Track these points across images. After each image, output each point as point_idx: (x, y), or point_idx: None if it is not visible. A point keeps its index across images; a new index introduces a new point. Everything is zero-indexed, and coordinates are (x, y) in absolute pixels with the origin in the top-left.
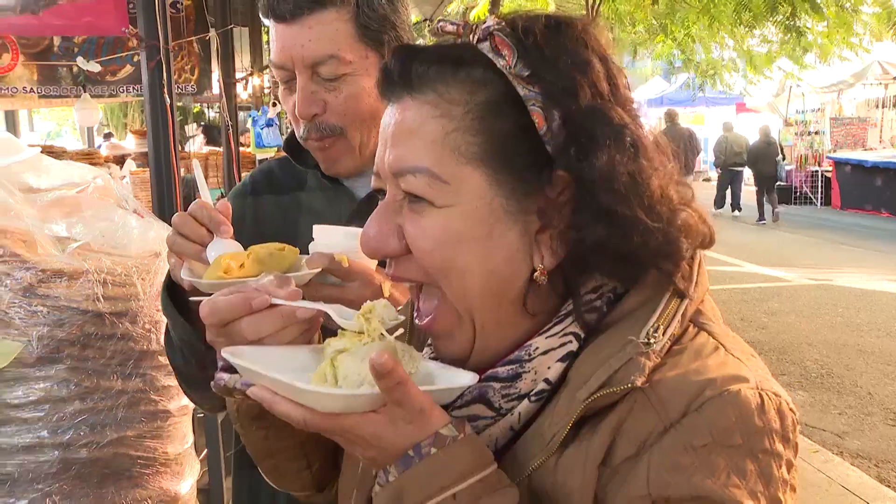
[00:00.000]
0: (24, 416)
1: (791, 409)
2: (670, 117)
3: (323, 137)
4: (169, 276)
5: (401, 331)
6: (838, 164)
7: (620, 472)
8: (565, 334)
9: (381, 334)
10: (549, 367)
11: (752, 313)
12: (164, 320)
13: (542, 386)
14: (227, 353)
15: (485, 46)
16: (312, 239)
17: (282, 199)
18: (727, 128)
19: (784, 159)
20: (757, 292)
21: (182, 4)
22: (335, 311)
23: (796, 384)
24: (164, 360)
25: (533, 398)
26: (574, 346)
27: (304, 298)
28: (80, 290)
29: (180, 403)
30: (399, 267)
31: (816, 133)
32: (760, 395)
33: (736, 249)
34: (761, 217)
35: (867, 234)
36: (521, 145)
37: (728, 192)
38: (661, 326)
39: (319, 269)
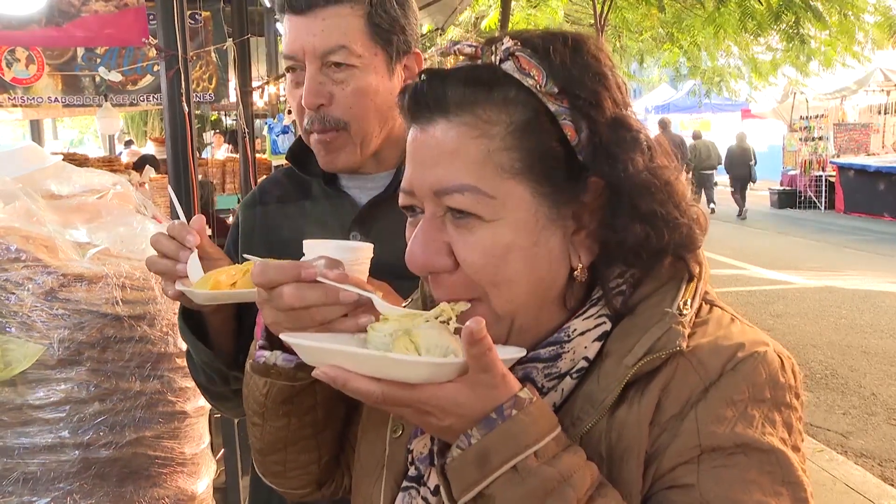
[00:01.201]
0: (46, 417)
1: (797, 370)
2: (663, 125)
3: (326, 130)
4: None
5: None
6: (842, 168)
7: (668, 430)
8: (599, 316)
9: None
10: (586, 347)
11: (758, 315)
12: (173, 321)
13: (581, 364)
14: (288, 337)
15: (509, 66)
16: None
17: (288, 207)
18: (696, 135)
19: (756, 163)
20: (762, 295)
21: (200, 16)
22: (377, 300)
23: (801, 385)
24: (181, 362)
25: (574, 375)
26: (608, 326)
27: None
28: (99, 294)
29: (197, 405)
30: (444, 285)
31: (820, 139)
32: (780, 357)
33: (741, 253)
34: (740, 213)
35: (870, 237)
36: (557, 157)
37: (702, 193)
38: (689, 300)
39: None
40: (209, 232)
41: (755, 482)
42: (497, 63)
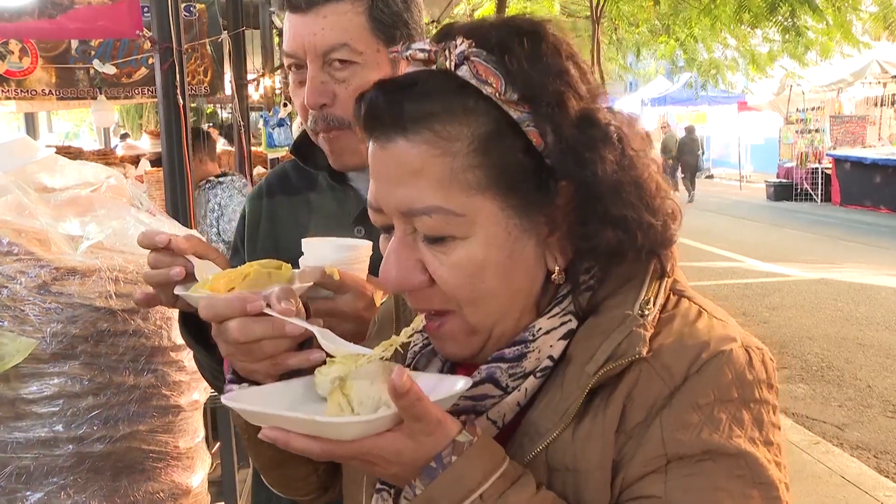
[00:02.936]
0: (40, 411)
1: (771, 359)
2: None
3: (330, 129)
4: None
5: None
6: (838, 161)
7: (634, 437)
8: (565, 314)
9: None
10: (551, 346)
11: (754, 308)
12: (174, 316)
13: (546, 363)
14: (229, 401)
15: (465, 72)
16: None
17: (294, 200)
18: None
19: (704, 153)
20: (758, 287)
21: (195, 8)
22: (321, 334)
23: (797, 377)
24: (175, 355)
25: (538, 374)
26: (574, 324)
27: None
28: (93, 288)
29: (191, 398)
30: (420, 297)
31: (816, 131)
32: (748, 351)
33: (738, 245)
34: (690, 198)
35: (866, 230)
36: (523, 165)
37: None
38: (651, 299)
39: (311, 283)
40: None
41: (724, 489)
42: (452, 68)
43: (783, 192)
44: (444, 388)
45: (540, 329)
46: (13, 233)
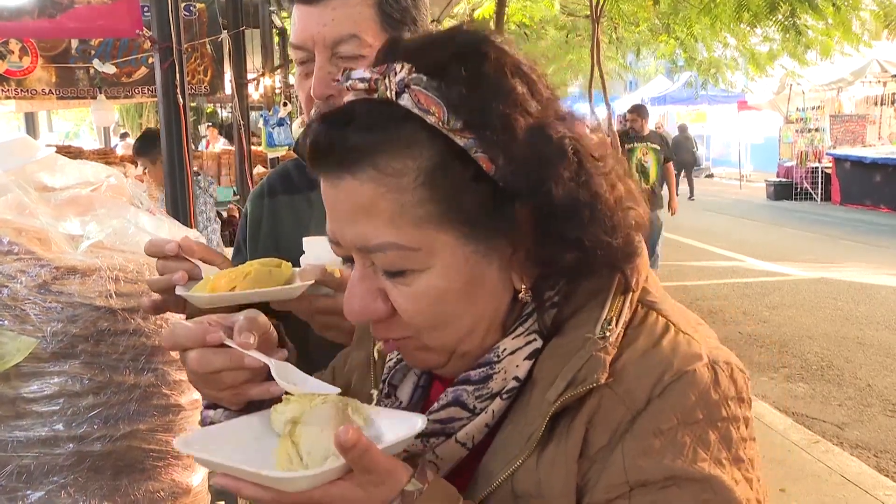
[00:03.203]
0: (40, 410)
1: (741, 370)
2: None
3: None
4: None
5: (338, 390)
6: (838, 160)
7: (598, 462)
8: (529, 333)
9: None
10: (517, 366)
11: (754, 307)
12: (175, 316)
13: (512, 384)
14: (181, 445)
15: (406, 101)
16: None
17: (295, 199)
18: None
19: (698, 149)
20: (758, 286)
21: (194, 7)
22: (276, 370)
23: (797, 376)
24: (175, 355)
25: (504, 395)
26: (539, 343)
27: (297, 311)
28: (93, 287)
29: (191, 398)
30: (384, 327)
31: (816, 130)
32: (713, 369)
33: (738, 245)
34: (691, 195)
35: (866, 229)
36: (476, 194)
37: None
38: (614, 318)
39: (312, 281)
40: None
41: None
42: (394, 97)
43: (783, 191)
44: (395, 426)
45: (505, 350)
46: (13, 232)
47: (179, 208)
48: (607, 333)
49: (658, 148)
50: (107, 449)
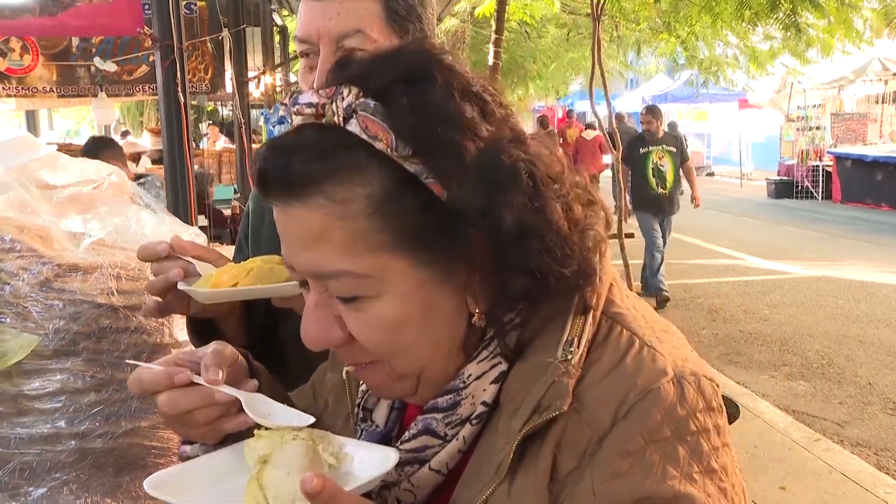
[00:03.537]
0: (42, 407)
1: (710, 379)
2: (619, 118)
3: None
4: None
5: (312, 420)
6: (839, 158)
7: (567, 485)
8: (494, 356)
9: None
10: (483, 390)
11: (755, 305)
12: (175, 315)
13: (480, 409)
14: (151, 487)
15: (354, 126)
16: None
17: None
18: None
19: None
20: (759, 285)
21: (195, 5)
22: (247, 403)
23: (798, 374)
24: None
25: (474, 421)
26: (504, 366)
27: (298, 308)
28: (94, 285)
29: None
30: (347, 352)
31: (817, 128)
32: (679, 384)
33: (739, 243)
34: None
35: (867, 227)
36: (429, 220)
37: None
38: (575, 338)
39: None
40: (202, 224)
41: None
42: (342, 123)
43: (784, 189)
44: (367, 463)
45: (470, 375)
46: (15, 230)
47: (180, 204)
48: (569, 356)
49: (674, 150)
50: (108, 446)
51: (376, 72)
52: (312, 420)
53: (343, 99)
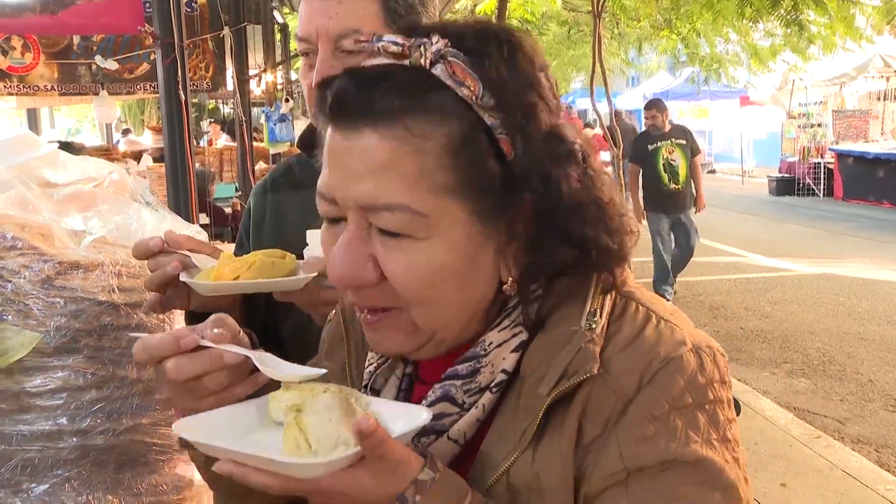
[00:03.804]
0: (44, 404)
1: (721, 354)
2: (617, 115)
3: None
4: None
5: (325, 371)
6: (840, 155)
7: (592, 451)
8: (515, 325)
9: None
10: (504, 359)
11: (756, 302)
12: (176, 311)
13: (500, 377)
14: (182, 430)
15: (440, 71)
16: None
17: (298, 194)
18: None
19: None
20: (760, 282)
21: (196, 3)
22: (260, 359)
23: (799, 371)
24: None
25: (494, 389)
26: (525, 335)
27: (300, 302)
28: (96, 282)
29: None
30: (366, 295)
31: (819, 125)
32: (698, 354)
33: (740, 240)
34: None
35: (869, 224)
36: (493, 174)
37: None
38: (598, 310)
39: (315, 274)
40: (205, 222)
41: (686, 498)
42: (427, 66)
43: (785, 186)
44: (400, 418)
45: (491, 343)
46: (17, 227)
47: (181, 202)
48: (593, 325)
49: (684, 142)
50: (110, 443)
51: (465, 30)
52: (325, 371)
53: (432, 44)
